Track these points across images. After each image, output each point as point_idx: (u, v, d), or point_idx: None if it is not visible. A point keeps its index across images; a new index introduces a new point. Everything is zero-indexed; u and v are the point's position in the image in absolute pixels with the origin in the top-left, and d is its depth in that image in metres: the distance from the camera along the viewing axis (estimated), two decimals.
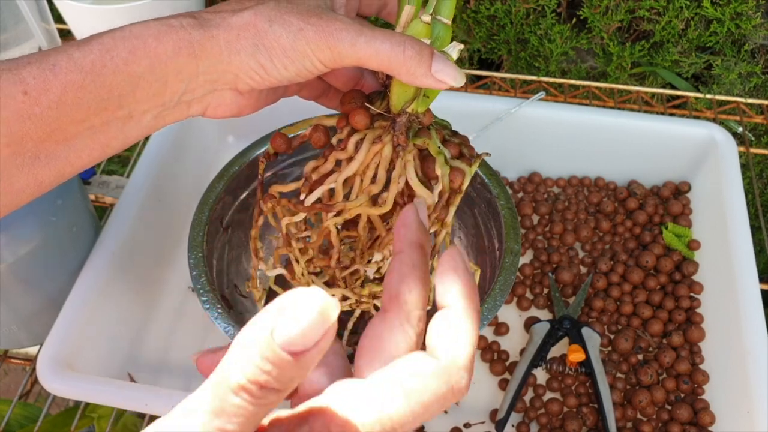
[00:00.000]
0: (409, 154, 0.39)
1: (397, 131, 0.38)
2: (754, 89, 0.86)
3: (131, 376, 0.59)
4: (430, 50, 0.34)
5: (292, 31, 0.32)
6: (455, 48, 0.37)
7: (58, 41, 0.74)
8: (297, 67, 0.33)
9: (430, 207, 0.40)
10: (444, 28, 0.37)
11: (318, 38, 0.33)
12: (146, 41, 0.31)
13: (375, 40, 0.33)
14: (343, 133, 0.39)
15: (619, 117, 0.70)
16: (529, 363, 0.60)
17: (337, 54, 0.33)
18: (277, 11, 0.33)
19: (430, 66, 0.33)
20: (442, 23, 0.37)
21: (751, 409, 0.53)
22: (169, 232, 0.67)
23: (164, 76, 0.32)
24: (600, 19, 0.82)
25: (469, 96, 0.72)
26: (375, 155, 0.39)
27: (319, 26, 0.33)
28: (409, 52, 0.33)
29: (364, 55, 0.33)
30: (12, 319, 0.58)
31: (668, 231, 0.68)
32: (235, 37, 0.33)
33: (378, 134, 0.39)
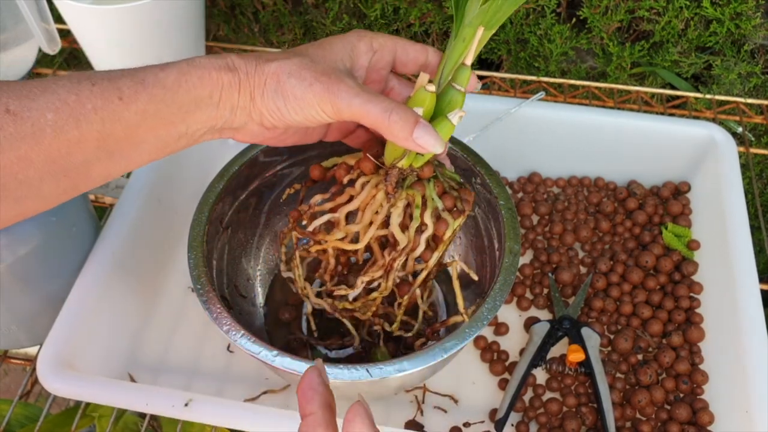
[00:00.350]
0: (399, 201, 0.45)
1: (388, 182, 0.45)
2: (753, 89, 0.86)
3: (131, 376, 0.59)
4: (415, 118, 0.40)
5: (304, 85, 0.39)
6: (456, 114, 0.42)
7: (58, 41, 0.74)
8: (305, 114, 0.40)
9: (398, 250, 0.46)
10: (458, 94, 0.42)
11: (323, 93, 0.39)
12: (210, 72, 0.39)
13: (368, 103, 0.39)
14: (355, 173, 0.47)
15: (619, 117, 0.70)
16: (529, 363, 0.60)
17: (336, 109, 0.40)
18: (297, 66, 0.40)
19: (412, 132, 0.39)
20: (456, 90, 0.42)
21: (750, 408, 0.53)
22: (169, 232, 0.67)
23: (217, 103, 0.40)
24: (600, 19, 0.82)
25: (469, 96, 0.71)
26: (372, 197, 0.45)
27: (327, 84, 0.39)
28: (393, 118, 0.39)
29: (357, 114, 0.40)
30: (12, 319, 0.58)
31: (668, 231, 0.69)
32: (263, 82, 0.40)
33: (380, 180, 0.45)
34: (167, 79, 0.38)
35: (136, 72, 0.37)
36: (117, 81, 0.36)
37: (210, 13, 0.92)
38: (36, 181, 0.35)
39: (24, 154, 0.34)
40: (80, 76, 0.36)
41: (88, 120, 0.35)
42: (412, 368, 0.45)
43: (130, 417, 0.70)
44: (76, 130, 0.35)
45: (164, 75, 0.38)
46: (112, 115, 0.36)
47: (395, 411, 0.59)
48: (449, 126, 0.42)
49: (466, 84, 0.42)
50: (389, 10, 0.87)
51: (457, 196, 0.48)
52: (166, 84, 0.38)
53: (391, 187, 0.45)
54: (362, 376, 0.44)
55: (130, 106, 0.36)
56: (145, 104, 0.37)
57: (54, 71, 0.86)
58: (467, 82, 0.42)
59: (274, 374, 0.60)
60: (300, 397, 0.29)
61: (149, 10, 0.68)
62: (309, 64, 0.40)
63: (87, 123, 0.35)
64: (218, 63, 0.40)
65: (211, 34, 0.96)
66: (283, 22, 0.92)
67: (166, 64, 0.39)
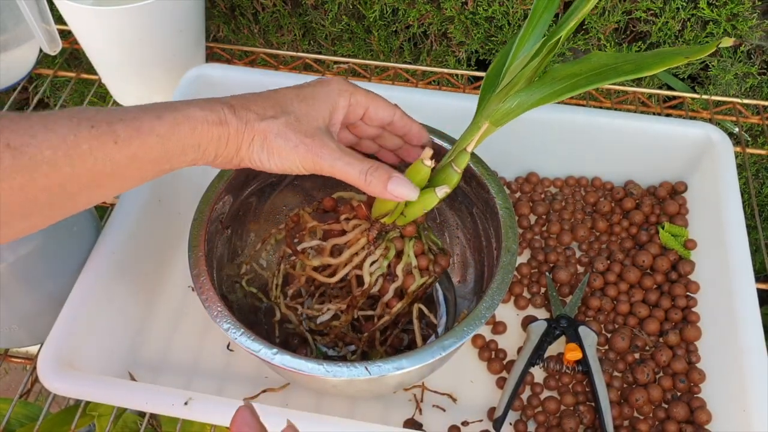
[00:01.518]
0: (378, 250, 0.52)
1: (370, 232, 0.52)
2: (750, 90, 0.87)
3: (131, 375, 0.60)
4: (388, 175, 0.45)
5: (290, 146, 0.45)
6: (442, 189, 0.47)
7: (58, 42, 0.75)
8: (284, 167, 0.45)
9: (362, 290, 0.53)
10: (454, 174, 0.48)
11: (306, 155, 0.45)
12: (203, 126, 0.43)
13: (347, 166, 0.45)
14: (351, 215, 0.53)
15: (616, 117, 0.70)
16: (527, 361, 0.60)
17: (319, 168, 0.45)
18: (284, 127, 0.45)
19: (386, 186, 0.45)
20: (455, 171, 0.48)
21: (747, 407, 0.53)
22: (170, 231, 0.67)
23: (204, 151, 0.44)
24: (597, 21, 0.82)
25: (467, 97, 0.72)
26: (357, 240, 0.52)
27: (310, 146, 0.45)
28: (369, 178, 0.45)
29: (338, 174, 0.45)
30: (12, 318, 0.58)
31: (665, 231, 0.69)
32: (251, 138, 0.45)
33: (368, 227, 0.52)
34: (161, 128, 0.41)
35: (135, 118, 0.41)
36: (114, 125, 0.39)
37: (210, 14, 0.93)
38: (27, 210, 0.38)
39: (18, 186, 0.36)
40: (81, 116, 0.39)
41: (83, 159, 0.38)
42: (410, 366, 0.45)
43: (130, 416, 0.71)
44: (70, 167, 0.38)
45: (159, 124, 0.41)
46: (105, 156, 0.39)
47: (394, 410, 0.59)
48: (434, 197, 0.47)
49: (463, 167, 0.48)
50: (388, 12, 0.87)
51: (433, 259, 0.54)
52: (160, 132, 0.41)
53: (372, 237, 0.52)
54: (361, 374, 0.45)
55: (122, 150, 0.40)
56: (137, 149, 0.40)
57: (54, 72, 0.86)
58: (465, 165, 0.48)
59: (273, 373, 0.61)
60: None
61: (149, 11, 0.68)
62: (294, 125, 0.45)
63: (81, 161, 0.38)
64: (211, 117, 0.43)
65: (211, 34, 0.96)
66: (282, 23, 0.93)
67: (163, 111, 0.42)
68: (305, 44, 0.95)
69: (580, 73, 0.46)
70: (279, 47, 0.96)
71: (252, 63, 0.89)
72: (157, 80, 0.77)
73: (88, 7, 0.67)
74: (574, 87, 0.45)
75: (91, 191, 0.40)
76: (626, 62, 0.45)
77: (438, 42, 0.91)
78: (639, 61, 0.44)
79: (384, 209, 0.50)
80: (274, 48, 0.96)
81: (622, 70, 0.44)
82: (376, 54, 0.93)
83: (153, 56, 0.74)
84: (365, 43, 0.92)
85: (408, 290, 0.53)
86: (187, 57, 0.78)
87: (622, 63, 0.45)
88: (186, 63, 0.77)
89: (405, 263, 0.53)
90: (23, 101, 1.10)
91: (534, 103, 0.46)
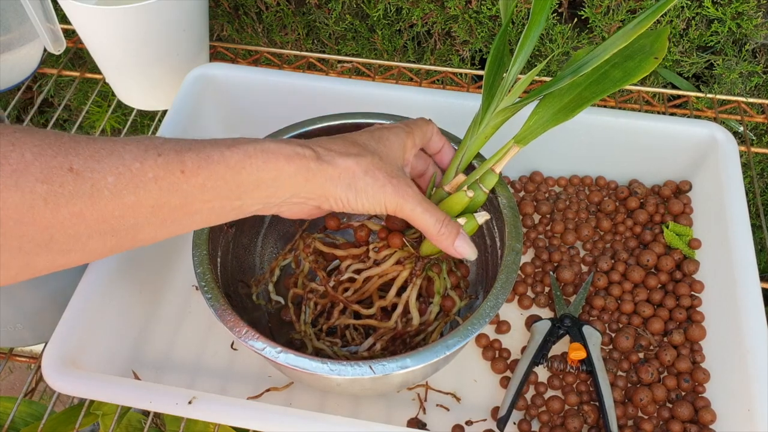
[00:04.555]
0: (419, 280, 0.52)
1: (417, 267, 0.52)
2: (755, 89, 0.87)
3: (135, 374, 0.60)
4: (458, 231, 0.47)
5: (377, 185, 0.44)
6: (483, 217, 0.49)
7: (62, 41, 0.75)
8: (369, 206, 0.45)
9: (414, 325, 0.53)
10: (482, 195, 0.50)
11: (393, 196, 0.44)
12: (278, 158, 0.41)
13: (426, 214, 0.45)
14: (381, 243, 0.52)
15: (620, 116, 0.70)
16: (530, 361, 0.60)
17: (400, 210, 0.45)
18: (371, 166, 0.44)
19: (454, 243, 0.47)
20: (482, 191, 0.50)
21: (751, 407, 0.53)
22: None
23: (280, 187, 0.42)
24: (601, 19, 0.82)
25: (471, 96, 0.72)
26: (394, 270, 0.52)
27: (397, 187, 0.44)
28: (443, 230, 0.46)
29: (416, 219, 0.45)
30: (16, 317, 0.59)
31: (669, 230, 0.69)
32: (338, 175, 0.43)
33: (404, 257, 0.52)
34: (232, 158, 0.39)
35: (204, 147, 0.39)
36: (183, 154, 0.38)
37: (213, 14, 0.93)
38: (84, 237, 0.36)
39: (78, 211, 0.34)
40: (149, 144, 0.37)
41: (147, 188, 0.36)
42: (414, 365, 0.45)
43: (134, 415, 0.71)
44: (134, 196, 0.36)
45: (230, 154, 0.39)
46: (171, 186, 0.37)
47: (398, 409, 0.59)
48: (475, 225, 0.49)
49: (491, 187, 0.50)
50: (392, 11, 0.87)
51: (461, 275, 0.56)
52: (230, 163, 0.39)
53: (419, 272, 0.52)
54: (365, 373, 0.45)
55: (190, 180, 0.38)
56: (205, 179, 0.38)
57: (59, 71, 0.87)
58: (491, 186, 0.50)
59: (277, 372, 0.61)
60: None
61: (153, 10, 0.69)
62: (380, 165, 0.45)
63: (145, 191, 0.36)
64: (288, 150, 0.41)
65: (215, 34, 0.96)
66: (286, 23, 0.93)
67: (234, 142, 0.40)
68: (309, 43, 0.95)
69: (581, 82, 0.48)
70: (283, 46, 0.96)
71: (256, 62, 0.89)
72: (160, 79, 0.78)
73: (92, 7, 0.68)
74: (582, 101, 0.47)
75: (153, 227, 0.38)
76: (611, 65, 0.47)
77: (442, 41, 0.91)
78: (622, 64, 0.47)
79: (435, 250, 0.51)
80: (278, 47, 0.96)
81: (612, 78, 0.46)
82: (379, 53, 0.93)
83: (157, 55, 0.74)
84: (369, 42, 0.92)
85: (450, 312, 0.54)
86: (191, 56, 0.78)
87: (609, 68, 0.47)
88: (190, 62, 0.77)
89: (442, 288, 0.54)
90: (28, 101, 1.10)
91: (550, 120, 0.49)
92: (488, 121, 0.49)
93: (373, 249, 0.53)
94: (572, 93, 0.47)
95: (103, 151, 0.35)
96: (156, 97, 0.80)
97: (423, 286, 0.53)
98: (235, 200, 0.40)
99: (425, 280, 0.53)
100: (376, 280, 0.53)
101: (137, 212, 0.37)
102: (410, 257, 0.52)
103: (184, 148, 0.38)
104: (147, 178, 0.36)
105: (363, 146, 0.45)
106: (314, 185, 0.43)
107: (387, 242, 0.52)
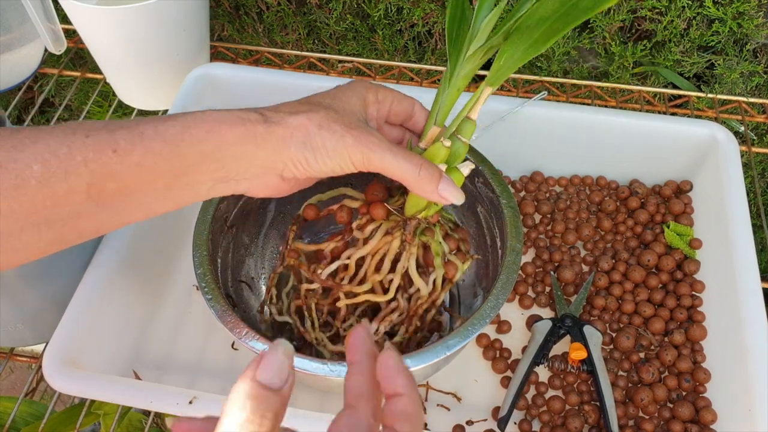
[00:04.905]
0: (413, 247, 0.48)
1: (407, 231, 0.47)
2: (755, 88, 0.87)
3: (136, 374, 0.60)
4: (440, 174, 0.42)
5: (336, 137, 0.40)
6: (467, 166, 0.45)
7: (63, 41, 0.75)
8: (333, 165, 0.41)
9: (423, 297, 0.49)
10: (462, 146, 0.45)
11: (355, 146, 0.40)
12: (220, 126, 0.38)
13: (400, 159, 0.41)
14: (363, 219, 0.48)
15: (621, 116, 0.70)
16: (531, 361, 0.60)
17: (367, 160, 0.41)
18: (326, 119, 0.40)
19: (438, 186, 0.42)
20: (462, 142, 0.45)
21: (752, 407, 0.53)
22: (174, 230, 0.67)
23: (227, 157, 0.38)
24: (602, 19, 0.82)
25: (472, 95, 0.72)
26: (385, 244, 0.47)
27: (358, 137, 0.40)
28: (423, 173, 0.41)
29: (389, 168, 0.41)
30: (17, 317, 0.59)
31: (670, 230, 0.69)
32: (290, 134, 0.39)
33: (391, 226, 0.47)
34: (167, 132, 0.36)
35: (137, 124, 0.36)
36: (114, 133, 0.35)
37: (214, 14, 0.93)
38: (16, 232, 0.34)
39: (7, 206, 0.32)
40: (77, 128, 0.35)
41: (78, 173, 0.34)
42: (414, 365, 0.45)
43: (135, 414, 0.71)
44: (65, 183, 0.34)
45: (165, 128, 0.36)
46: (103, 168, 0.34)
47: None
48: (460, 177, 0.45)
49: (470, 137, 0.45)
50: (392, 10, 0.87)
51: (459, 237, 0.51)
52: (166, 137, 0.36)
53: (410, 236, 0.48)
54: None
55: (124, 159, 0.35)
56: (141, 157, 0.35)
57: (59, 71, 0.87)
58: (471, 135, 0.45)
59: None
60: (350, 347, 0.29)
61: (154, 10, 0.69)
62: (336, 117, 0.41)
63: (76, 176, 0.34)
64: (230, 117, 0.39)
65: (216, 34, 0.96)
66: (287, 22, 0.93)
67: (170, 116, 0.37)
68: (309, 43, 0.95)
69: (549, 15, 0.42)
70: (283, 46, 0.96)
71: (256, 62, 0.89)
72: (161, 79, 0.78)
73: (92, 7, 0.68)
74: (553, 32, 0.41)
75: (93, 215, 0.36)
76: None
77: (442, 41, 0.91)
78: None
79: (420, 206, 0.47)
80: (279, 47, 0.96)
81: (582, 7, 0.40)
82: (380, 53, 0.93)
83: (157, 55, 0.74)
84: (370, 42, 0.92)
85: (453, 279, 0.49)
86: (192, 56, 0.78)
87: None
88: (190, 62, 0.77)
89: (441, 253, 0.49)
90: (28, 100, 1.10)
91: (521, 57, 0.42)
92: (458, 71, 0.45)
93: (356, 228, 0.48)
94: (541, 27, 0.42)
95: (27, 140, 0.33)
96: (156, 97, 0.80)
97: (420, 255, 0.49)
98: (182, 177, 0.37)
99: (421, 249, 0.49)
100: (371, 261, 0.49)
101: (72, 200, 0.34)
102: (398, 225, 0.48)
103: (115, 127, 0.35)
104: (76, 162, 0.34)
105: (315, 103, 0.42)
106: (266, 151, 0.39)
107: (370, 216, 0.48)
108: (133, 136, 0.35)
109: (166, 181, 0.37)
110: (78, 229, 0.36)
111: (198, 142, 0.37)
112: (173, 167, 0.37)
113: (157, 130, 0.36)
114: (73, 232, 0.36)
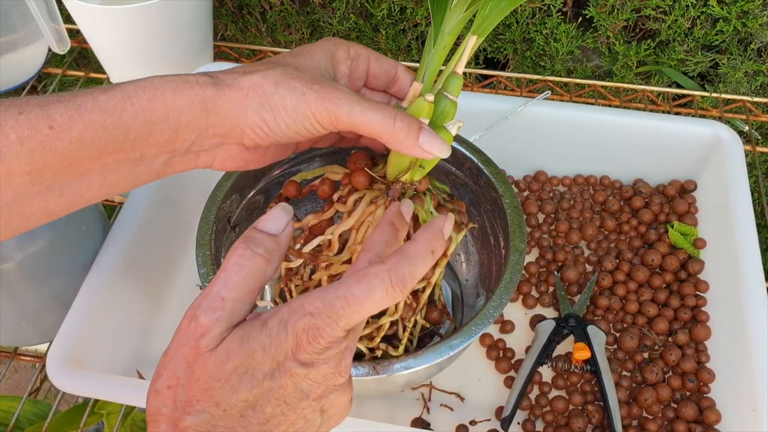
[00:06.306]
0: None
1: (390, 197, 0.43)
2: (760, 88, 0.86)
3: (139, 374, 0.60)
4: (419, 124, 0.38)
5: (296, 95, 0.36)
6: (455, 125, 0.41)
7: (67, 41, 0.75)
8: (298, 127, 0.37)
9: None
10: (450, 104, 0.41)
11: (318, 103, 0.36)
12: (164, 93, 0.35)
13: (369, 111, 0.36)
14: (345, 190, 0.44)
15: (625, 116, 0.70)
16: (535, 361, 0.60)
17: (334, 118, 0.37)
18: (283, 76, 0.36)
19: (418, 138, 0.37)
20: (449, 99, 0.41)
21: (756, 407, 0.53)
22: (177, 230, 0.67)
23: (176, 126, 0.35)
24: (606, 18, 0.82)
25: (475, 95, 0.72)
26: (369, 214, 0.43)
27: (321, 92, 0.36)
28: (398, 124, 0.37)
29: (359, 122, 0.37)
30: (21, 317, 0.59)
31: (674, 229, 0.69)
32: (244, 96, 0.36)
33: (375, 196, 0.43)
34: (107, 103, 0.33)
35: (74, 96, 0.33)
36: (49, 108, 0.32)
37: (217, 13, 0.93)
38: None
39: None
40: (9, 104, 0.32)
41: (14, 152, 0.31)
42: (418, 365, 0.45)
43: (139, 414, 0.71)
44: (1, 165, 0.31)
45: (105, 98, 0.33)
46: (42, 145, 0.32)
47: (402, 409, 0.59)
48: (448, 136, 0.41)
49: (458, 93, 0.41)
50: (396, 10, 0.87)
51: (453, 208, 0.47)
52: (107, 109, 0.33)
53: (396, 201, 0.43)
54: (369, 374, 0.45)
55: (63, 135, 0.32)
56: (82, 132, 0.33)
57: (63, 71, 0.87)
58: (459, 91, 0.41)
59: None
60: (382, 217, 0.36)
61: (157, 10, 0.69)
62: (295, 74, 0.37)
63: (13, 155, 0.31)
64: (177, 83, 0.35)
65: (219, 33, 0.96)
66: (290, 22, 0.93)
67: (110, 86, 0.34)
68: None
69: None
70: (287, 46, 0.96)
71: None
72: None
73: (96, 7, 0.68)
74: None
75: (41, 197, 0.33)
76: None
77: None
78: None
79: (402, 166, 0.42)
80: (282, 47, 0.96)
81: None
82: (383, 52, 0.93)
83: (161, 55, 0.74)
84: (373, 41, 0.92)
85: (447, 252, 0.45)
86: (195, 56, 0.78)
87: None
88: (194, 62, 0.77)
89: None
90: None
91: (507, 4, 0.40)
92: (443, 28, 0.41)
93: (337, 200, 0.44)
94: None
95: None
96: None
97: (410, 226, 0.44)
98: (130, 152, 0.35)
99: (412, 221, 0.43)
100: (356, 236, 0.44)
101: (12, 182, 0.32)
102: (382, 194, 0.43)
103: (50, 101, 0.32)
104: (10, 141, 0.31)
105: (273, 62, 0.38)
106: (220, 116, 0.36)
107: (352, 185, 0.44)
108: (70, 110, 0.33)
109: (115, 157, 0.34)
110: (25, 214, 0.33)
111: (142, 112, 0.34)
112: (118, 141, 0.34)
113: (96, 101, 0.33)
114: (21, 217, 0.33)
